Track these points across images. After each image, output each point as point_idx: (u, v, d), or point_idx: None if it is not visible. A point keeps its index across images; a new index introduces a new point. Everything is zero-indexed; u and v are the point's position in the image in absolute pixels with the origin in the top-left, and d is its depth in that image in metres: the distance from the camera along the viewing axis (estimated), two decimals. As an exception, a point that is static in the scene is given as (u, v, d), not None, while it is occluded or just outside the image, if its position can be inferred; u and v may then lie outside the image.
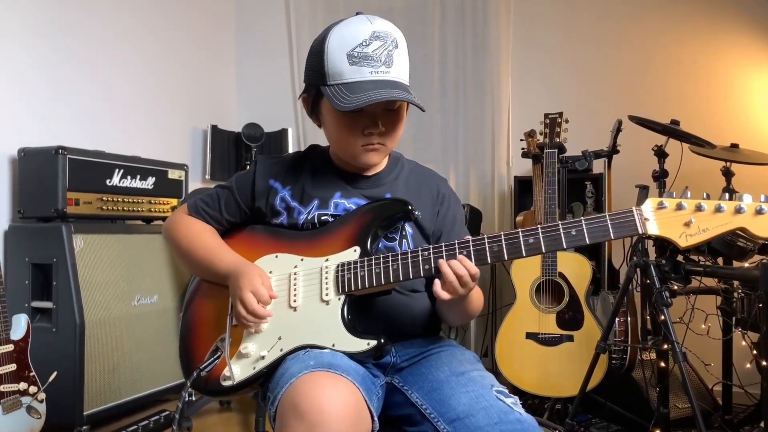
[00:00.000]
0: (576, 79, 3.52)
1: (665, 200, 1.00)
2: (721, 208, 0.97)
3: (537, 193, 2.87)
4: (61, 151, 2.58)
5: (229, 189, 1.34)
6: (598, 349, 2.14)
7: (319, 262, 1.21)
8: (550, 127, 2.59)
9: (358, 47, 1.16)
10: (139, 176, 2.96)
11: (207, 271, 1.29)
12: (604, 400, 2.54)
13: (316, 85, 1.21)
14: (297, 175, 1.31)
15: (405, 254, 1.15)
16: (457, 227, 1.33)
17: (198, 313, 1.31)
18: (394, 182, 1.31)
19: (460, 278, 1.09)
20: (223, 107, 4.16)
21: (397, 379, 1.24)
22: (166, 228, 1.37)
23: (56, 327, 2.53)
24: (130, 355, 2.76)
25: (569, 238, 1.05)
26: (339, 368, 1.04)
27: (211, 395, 1.22)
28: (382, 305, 1.22)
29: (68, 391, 2.48)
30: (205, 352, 1.23)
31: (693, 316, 2.10)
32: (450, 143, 3.74)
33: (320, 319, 1.17)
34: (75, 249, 2.56)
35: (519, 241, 1.08)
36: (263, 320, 1.19)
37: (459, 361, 1.23)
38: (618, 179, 3.10)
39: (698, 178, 2.88)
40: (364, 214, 1.23)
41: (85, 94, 3.12)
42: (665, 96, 3.32)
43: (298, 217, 1.27)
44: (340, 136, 1.25)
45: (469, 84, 3.69)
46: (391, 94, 1.15)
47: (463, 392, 1.14)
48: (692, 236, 0.98)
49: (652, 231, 1.00)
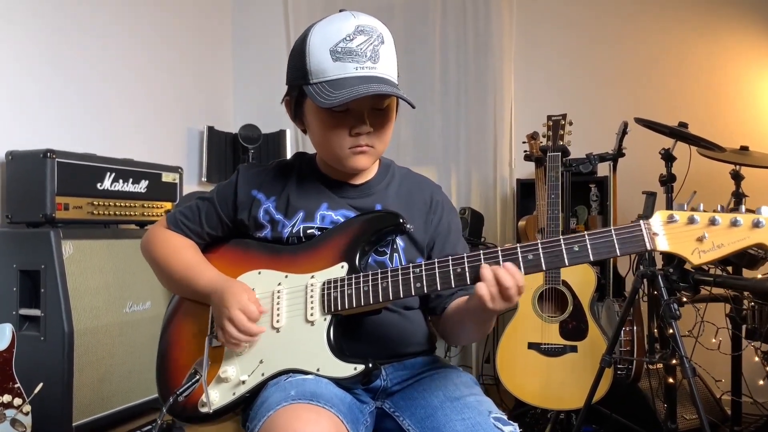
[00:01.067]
0: (581, 79, 3.42)
1: (676, 213, 0.92)
2: (737, 222, 0.89)
3: (540, 197, 2.79)
4: (50, 154, 2.50)
5: (210, 201, 1.26)
6: (603, 363, 2.05)
7: (304, 279, 1.13)
8: (553, 129, 2.51)
9: (342, 42, 1.08)
10: (131, 179, 2.89)
11: (186, 289, 1.21)
12: (609, 412, 2.45)
13: (299, 85, 1.13)
14: (281, 185, 1.23)
15: (395, 271, 1.07)
16: (452, 237, 1.25)
17: (177, 333, 1.24)
18: (384, 191, 1.23)
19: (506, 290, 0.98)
20: (219, 108, 4.08)
21: (388, 404, 1.16)
22: (144, 243, 1.29)
23: (44, 336, 2.45)
24: (121, 363, 2.68)
25: (572, 255, 0.96)
26: (322, 398, 0.96)
27: (188, 422, 1.14)
28: (371, 324, 1.14)
29: (56, 401, 2.40)
30: (183, 375, 1.15)
31: (703, 330, 2.02)
32: (451, 145, 3.65)
33: (305, 342, 1.09)
34: (64, 255, 2.49)
35: (518, 257, 0.99)
36: (254, 338, 1.10)
37: (455, 385, 1.15)
38: (624, 182, 3.02)
39: (707, 182, 2.80)
40: (352, 227, 1.15)
41: (76, 95, 3.04)
42: (672, 97, 3.23)
43: (282, 230, 1.19)
44: (325, 138, 1.16)
45: (471, 84, 3.60)
46: (378, 88, 1.07)
47: (458, 420, 1.06)
48: (706, 252, 0.90)
49: (661, 247, 0.92)
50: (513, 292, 0.98)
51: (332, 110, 1.09)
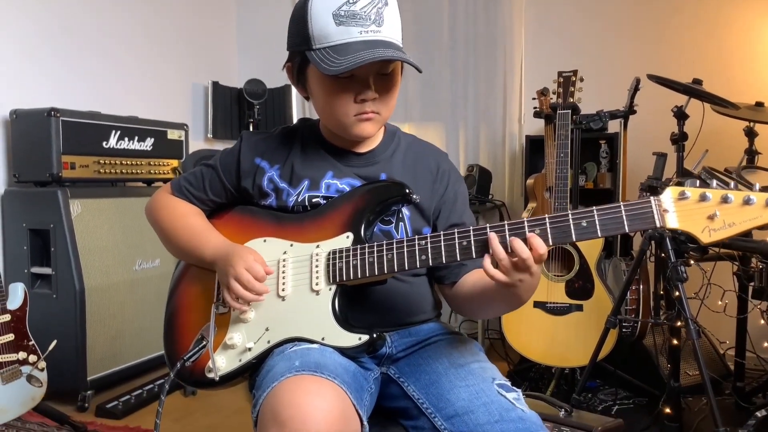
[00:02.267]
0: (593, 33, 3.32)
1: (687, 189, 0.90)
2: (750, 201, 0.87)
3: (549, 155, 2.75)
4: (54, 113, 2.49)
5: (214, 168, 1.25)
6: (608, 324, 2.06)
7: (310, 248, 1.13)
8: (563, 86, 2.45)
9: (345, 5, 1.04)
10: (137, 137, 2.88)
11: (192, 255, 1.21)
12: (613, 368, 2.49)
13: (301, 51, 1.10)
14: (285, 153, 1.21)
15: (401, 242, 1.06)
16: (458, 206, 1.23)
17: (184, 298, 1.25)
18: (389, 160, 1.21)
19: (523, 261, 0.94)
20: (223, 62, 4.01)
21: (393, 369, 1.17)
22: (148, 209, 1.29)
23: (56, 293, 2.50)
24: (132, 320, 2.73)
25: (579, 231, 0.95)
26: (326, 369, 0.97)
27: (196, 386, 1.17)
28: (377, 293, 1.14)
29: (71, 357, 2.47)
30: (190, 341, 1.16)
31: (709, 292, 2.01)
32: (459, 100, 3.58)
33: (310, 311, 1.09)
34: (72, 214, 2.51)
35: (525, 232, 0.98)
36: (260, 298, 1.11)
37: (459, 352, 1.16)
38: (635, 140, 2.97)
39: (719, 139, 2.75)
40: (357, 197, 1.14)
41: (80, 52, 2.99)
42: (686, 52, 3.13)
43: (287, 198, 1.18)
44: (329, 106, 1.13)
45: (480, 37, 3.51)
46: (384, 53, 1.04)
47: (462, 386, 1.08)
48: (716, 231, 0.88)
49: (671, 224, 0.90)
50: (531, 261, 0.94)
51: (336, 76, 1.07)
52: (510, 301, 1.06)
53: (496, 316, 1.02)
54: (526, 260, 0.95)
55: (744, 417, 2.17)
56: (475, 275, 1.15)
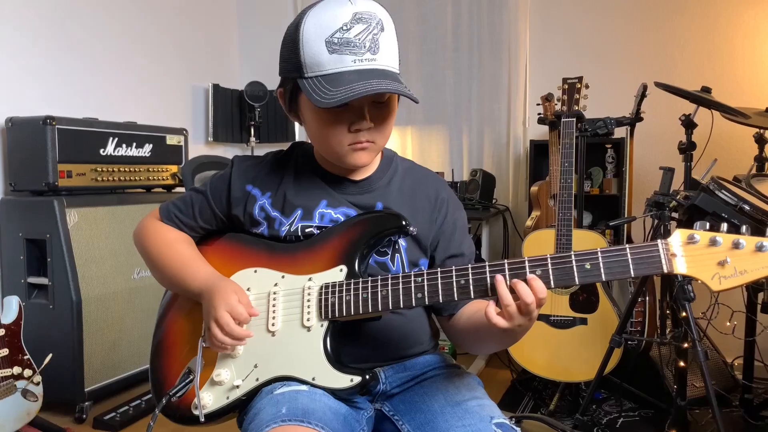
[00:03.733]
0: (599, 36, 3.26)
1: (696, 233, 0.85)
2: (763, 247, 0.82)
3: (553, 163, 2.70)
4: (50, 120, 2.45)
5: (204, 194, 1.20)
6: (613, 344, 2.02)
7: (302, 281, 1.09)
8: (568, 93, 2.39)
9: (338, 32, 0.99)
10: (135, 144, 2.84)
11: (179, 286, 1.17)
12: (619, 381, 2.44)
13: (293, 78, 1.05)
14: (278, 180, 1.17)
15: (396, 278, 1.01)
16: (457, 235, 1.18)
17: (171, 329, 1.21)
18: (386, 187, 1.16)
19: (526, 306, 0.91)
20: (224, 64, 3.96)
21: (387, 407, 1.13)
22: (136, 235, 1.25)
23: (53, 304, 2.47)
24: (131, 329, 2.70)
25: (582, 273, 0.91)
26: (314, 416, 0.93)
27: (181, 423, 1.12)
28: (371, 327, 1.10)
29: (68, 367, 2.44)
30: (177, 374, 1.12)
31: (717, 312, 1.96)
32: (463, 102, 3.53)
33: (300, 348, 1.05)
34: (69, 224, 2.47)
35: (525, 272, 0.94)
36: (242, 342, 1.07)
37: (456, 388, 1.12)
38: (641, 147, 2.91)
39: (729, 145, 2.69)
40: (352, 227, 1.09)
41: (76, 56, 2.95)
42: (693, 57, 3.06)
43: (279, 228, 1.14)
44: (323, 135, 1.09)
45: (485, 38, 3.45)
46: (380, 85, 0.98)
47: (459, 426, 1.03)
48: (727, 279, 0.83)
49: (680, 269, 0.85)
50: (533, 306, 0.91)
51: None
52: (504, 342, 1.02)
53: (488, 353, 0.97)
54: (529, 305, 0.90)
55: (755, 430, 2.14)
56: (472, 307, 1.11)
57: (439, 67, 3.54)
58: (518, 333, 0.97)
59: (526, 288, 0.91)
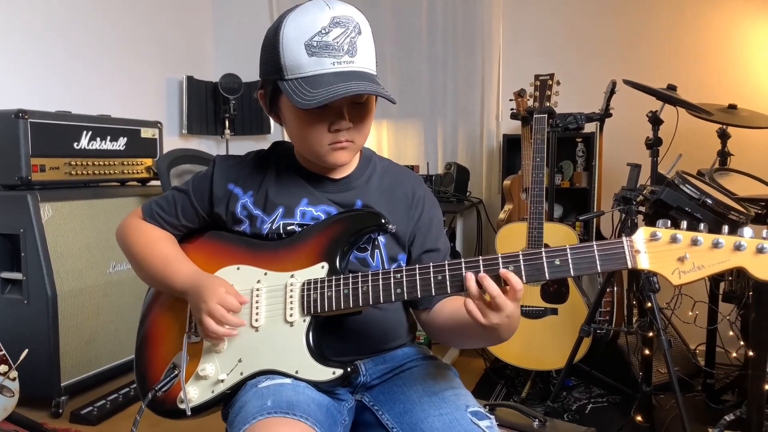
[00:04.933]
0: (570, 33, 3.33)
1: (659, 231, 0.91)
2: (719, 244, 0.88)
3: (525, 157, 2.77)
4: (22, 114, 2.42)
5: (186, 193, 1.22)
6: (582, 333, 2.09)
7: (284, 277, 1.12)
8: (540, 89, 2.45)
9: (317, 36, 1.02)
10: (109, 137, 2.82)
11: (162, 284, 1.19)
12: (588, 368, 2.53)
13: (273, 80, 1.08)
14: (259, 179, 1.20)
15: (376, 275, 1.05)
16: (433, 231, 1.23)
17: (155, 325, 1.23)
18: (365, 185, 1.20)
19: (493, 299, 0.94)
20: (199, 56, 3.94)
21: (368, 397, 1.17)
22: (119, 234, 1.26)
23: (27, 299, 2.45)
24: (107, 323, 2.70)
25: (552, 269, 0.96)
26: (298, 408, 0.97)
27: (167, 417, 1.15)
28: (352, 321, 1.14)
29: (44, 362, 2.43)
30: (162, 369, 1.15)
31: (680, 303, 2.05)
32: (438, 97, 3.58)
33: (283, 342, 1.09)
34: (43, 218, 2.45)
35: (498, 268, 0.98)
36: (235, 332, 1.10)
37: (434, 379, 1.17)
38: (610, 141, 2.99)
39: (694, 140, 2.78)
40: (333, 225, 1.13)
41: (47, 49, 2.91)
42: (661, 54, 3.15)
43: (261, 226, 1.17)
44: (303, 136, 1.12)
45: (459, 34, 3.49)
46: (358, 87, 1.02)
47: (436, 415, 1.08)
48: (686, 273, 0.89)
49: (643, 265, 0.91)
50: (501, 299, 0.95)
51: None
52: (488, 340, 1.04)
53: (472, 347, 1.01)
54: (496, 298, 0.94)
55: (714, 414, 2.24)
56: (453, 303, 1.14)
57: (415, 62, 3.58)
58: (501, 331, 0.99)
59: (491, 283, 0.95)
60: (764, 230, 0.88)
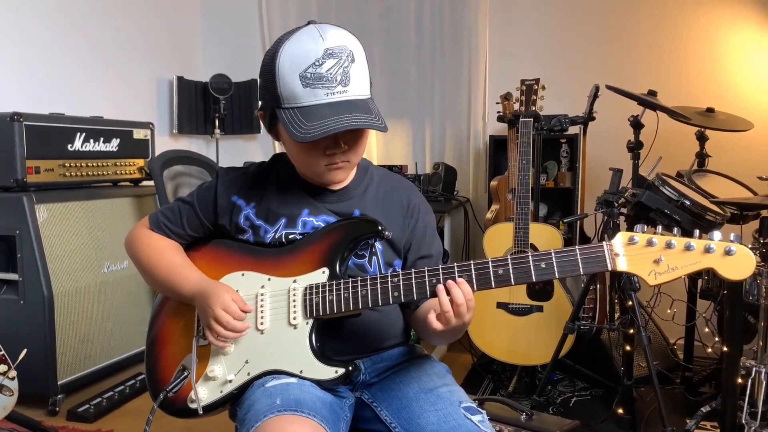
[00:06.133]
0: (555, 37, 3.42)
1: (636, 235, 0.98)
2: (690, 247, 0.96)
3: (511, 158, 2.84)
4: (17, 117, 2.45)
5: (191, 204, 1.28)
6: (567, 330, 2.18)
7: (287, 282, 1.18)
8: (526, 94, 2.53)
9: (311, 68, 1.08)
10: (102, 138, 2.85)
11: (170, 290, 1.25)
12: (573, 363, 2.62)
13: (271, 106, 1.15)
14: (261, 191, 1.26)
15: (374, 279, 1.12)
16: (427, 237, 1.30)
17: (164, 329, 1.29)
18: (362, 195, 1.27)
19: (457, 307, 1.05)
20: (188, 56, 3.97)
21: (367, 395, 1.24)
22: (127, 243, 1.32)
23: (24, 300, 2.49)
24: (102, 322, 2.74)
25: (539, 271, 1.03)
26: (305, 405, 1.04)
27: (178, 416, 1.22)
28: (352, 322, 1.20)
29: (41, 362, 2.47)
30: (172, 371, 1.21)
31: (659, 301, 2.14)
32: (426, 97, 3.65)
33: (288, 344, 1.15)
34: (38, 220, 2.49)
35: (489, 272, 1.06)
36: (243, 333, 1.16)
37: (428, 376, 1.24)
38: (594, 143, 3.08)
39: (674, 141, 2.88)
40: (332, 233, 1.20)
41: (40, 52, 2.93)
42: (643, 59, 3.25)
43: (264, 235, 1.23)
44: (301, 158, 1.20)
45: (447, 36, 3.57)
46: (350, 121, 1.08)
47: (431, 411, 1.15)
48: (661, 274, 0.97)
49: (621, 267, 0.99)
50: (463, 309, 1.05)
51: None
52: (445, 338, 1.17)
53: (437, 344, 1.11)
54: (460, 306, 1.05)
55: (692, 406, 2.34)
56: (428, 304, 1.21)
57: (403, 63, 3.64)
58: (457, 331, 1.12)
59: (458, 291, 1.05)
60: (732, 234, 0.96)
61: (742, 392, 1.85)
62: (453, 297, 1.04)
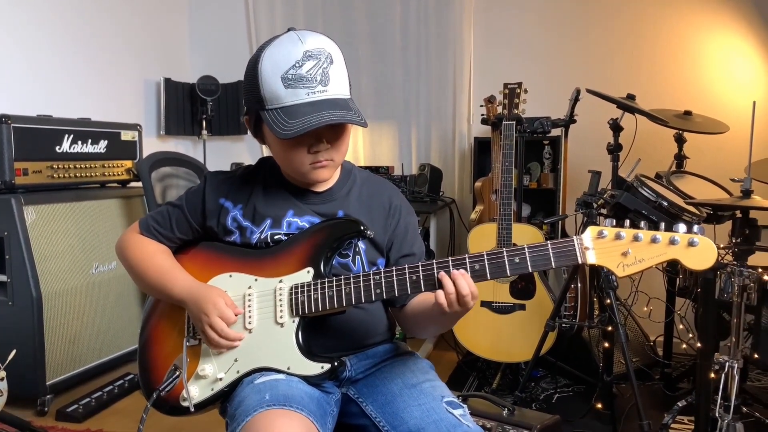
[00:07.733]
0: (537, 41, 3.48)
1: (605, 229, 1.04)
2: (656, 239, 1.01)
3: (495, 160, 2.89)
4: (5, 119, 2.47)
5: (180, 208, 1.32)
6: (548, 327, 2.23)
7: (273, 282, 1.22)
8: (509, 97, 2.58)
9: (292, 69, 1.13)
10: (90, 140, 2.87)
11: (160, 293, 1.29)
12: (554, 360, 2.68)
13: (255, 109, 1.19)
14: (248, 193, 1.30)
15: (357, 277, 1.17)
16: (409, 237, 1.34)
17: (156, 331, 1.32)
18: (346, 197, 1.31)
19: (462, 297, 1.09)
20: (175, 58, 3.99)
21: (352, 390, 1.29)
22: (118, 248, 1.35)
23: (12, 301, 2.50)
24: (91, 323, 2.76)
25: (513, 266, 1.09)
26: (294, 400, 1.08)
27: (171, 414, 1.25)
28: (337, 320, 1.25)
29: (29, 362, 2.49)
30: (164, 371, 1.25)
31: (637, 299, 2.20)
32: (411, 99, 3.70)
33: (275, 342, 1.19)
34: (27, 221, 2.50)
35: (466, 267, 1.11)
36: (235, 344, 1.21)
37: (412, 372, 1.28)
38: (575, 144, 3.15)
39: (653, 143, 2.95)
40: (316, 233, 1.24)
41: (27, 53, 2.95)
42: (622, 63, 3.33)
43: (251, 236, 1.27)
44: (286, 158, 1.24)
45: (432, 39, 3.62)
46: (330, 117, 1.13)
47: (415, 405, 1.20)
48: (629, 266, 1.02)
49: (591, 260, 1.04)
50: (469, 298, 1.09)
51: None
52: (443, 326, 1.23)
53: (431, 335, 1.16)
54: (465, 296, 1.08)
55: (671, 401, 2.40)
56: (419, 299, 1.27)
57: (389, 66, 3.69)
58: (455, 318, 1.16)
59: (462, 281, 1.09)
60: (695, 226, 1.01)
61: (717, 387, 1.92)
62: (458, 287, 1.09)
